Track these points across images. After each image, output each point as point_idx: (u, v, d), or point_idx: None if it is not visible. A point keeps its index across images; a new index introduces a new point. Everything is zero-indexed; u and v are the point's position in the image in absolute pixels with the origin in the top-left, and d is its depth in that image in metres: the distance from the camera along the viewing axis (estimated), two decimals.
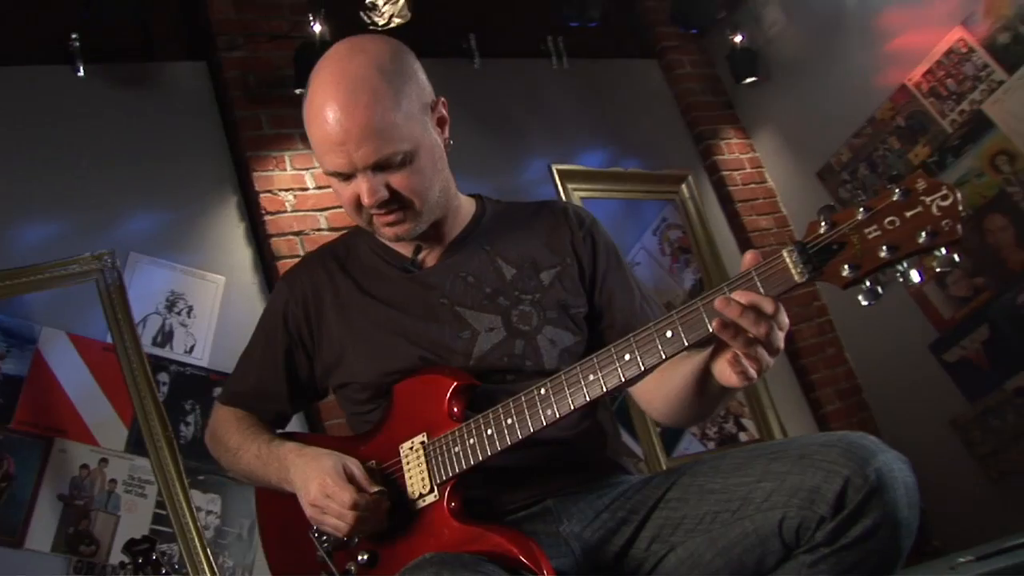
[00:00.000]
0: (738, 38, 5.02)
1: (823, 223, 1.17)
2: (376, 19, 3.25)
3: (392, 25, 3.26)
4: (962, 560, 2.42)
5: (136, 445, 3.10)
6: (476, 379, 1.56)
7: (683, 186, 4.88)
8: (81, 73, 3.46)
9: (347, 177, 1.54)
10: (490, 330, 1.61)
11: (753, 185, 5.13)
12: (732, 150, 5.16)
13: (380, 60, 1.53)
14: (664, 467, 4.13)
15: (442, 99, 1.64)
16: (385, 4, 3.21)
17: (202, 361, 3.34)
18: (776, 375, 4.65)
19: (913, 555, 1.30)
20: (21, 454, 2.94)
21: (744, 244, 4.93)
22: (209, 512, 3.13)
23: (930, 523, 4.13)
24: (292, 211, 3.65)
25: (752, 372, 1.26)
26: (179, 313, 3.35)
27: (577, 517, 1.52)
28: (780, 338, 1.25)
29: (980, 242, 4.25)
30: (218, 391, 3.16)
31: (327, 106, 1.50)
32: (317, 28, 3.60)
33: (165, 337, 3.30)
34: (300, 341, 1.72)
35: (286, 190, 3.68)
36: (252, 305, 3.50)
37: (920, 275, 1.12)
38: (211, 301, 3.42)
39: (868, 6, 4.60)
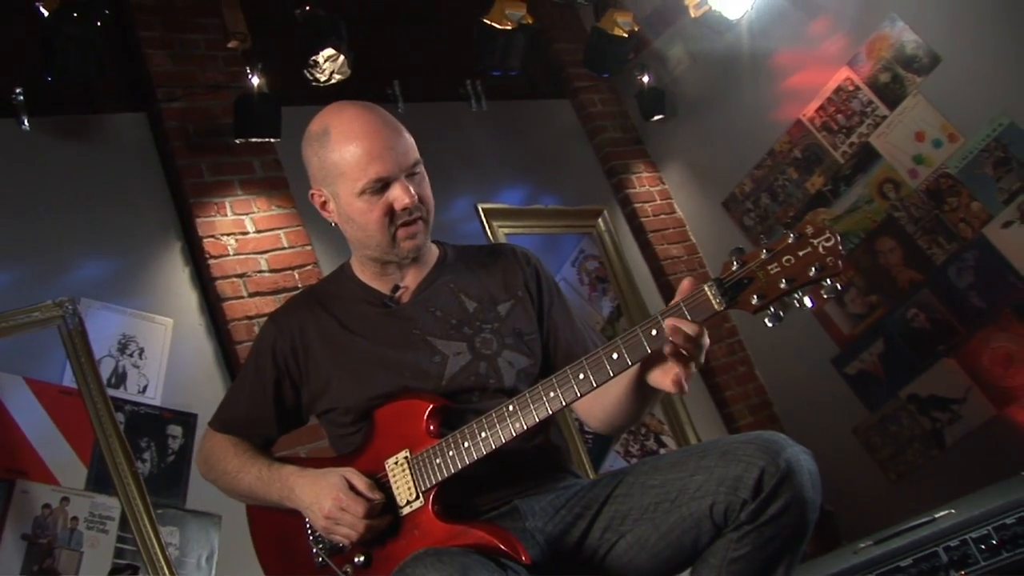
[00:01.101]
0: (645, 78, 5.32)
1: (735, 263, 1.46)
2: (318, 76, 3.47)
3: (333, 81, 3.48)
4: (863, 545, 2.73)
5: (96, 483, 3.21)
6: (448, 397, 1.81)
7: (599, 220, 5.16)
8: (26, 126, 3.57)
9: (384, 188, 1.79)
10: (458, 354, 1.86)
11: (663, 216, 5.41)
12: (643, 183, 5.44)
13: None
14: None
15: None
16: (326, 62, 3.44)
17: (155, 400, 3.48)
18: (692, 393, 4.89)
19: (825, 550, 1.62)
20: None
21: (657, 272, 5.22)
22: (169, 544, 3.26)
23: (838, 523, 4.48)
24: (234, 254, 3.81)
25: (685, 383, 1.55)
26: (131, 355, 3.49)
27: (540, 514, 1.78)
28: (703, 355, 1.55)
29: (872, 263, 4.65)
30: (173, 428, 3.33)
31: (367, 126, 1.81)
32: (255, 80, 3.79)
33: (119, 378, 3.43)
34: (287, 373, 1.94)
35: (228, 234, 3.83)
36: (200, 345, 3.66)
37: (812, 301, 1.42)
38: (161, 342, 3.57)
39: (764, 48, 4.96)
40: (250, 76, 3.79)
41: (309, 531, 1.85)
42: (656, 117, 5.35)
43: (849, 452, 4.74)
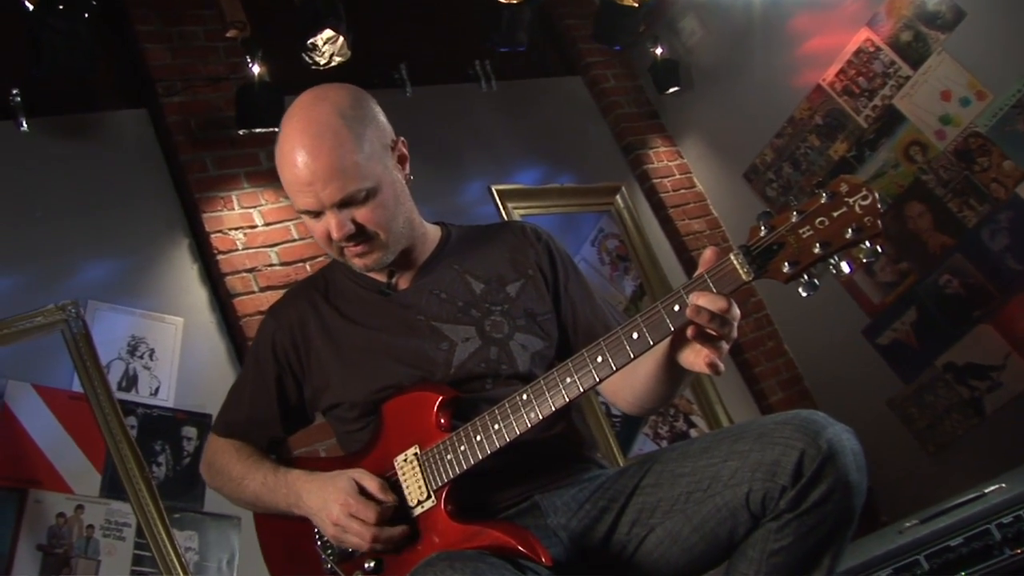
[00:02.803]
0: (659, 50, 5.19)
1: (763, 227, 1.33)
2: (317, 59, 3.36)
3: (333, 64, 3.37)
4: (908, 524, 2.60)
5: (110, 489, 3.14)
6: (458, 386, 1.70)
7: (617, 197, 5.04)
8: (24, 127, 3.49)
9: (317, 215, 1.69)
10: (466, 340, 1.75)
11: (683, 191, 5.29)
12: (660, 158, 5.31)
13: (342, 107, 1.69)
14: (622, 465, 4.27)
15: (402, 139, 1.81)
16: (325, 44, 3.33)
17: (168, 402, 3.40)
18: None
19: (863, 528, 1.48)
20: None
21: (679, 248, 5.10)
22: (188, 549, 3.18)
23: (877, 500, 4.35)
24: (243, 249, 3.72)
25: (719, 362, 1.41)
26: (141, 356, 3.40)
27: (562, 510, 1.66)
28: (735, 329, 1.41)
29: (902, 229, 4.49)
30: (188, 430, 3.25)
31: (295, 151, 1.66)
32: (256, 70, 3.69)
33: (130, 381, 3.35)
34: (289, 368, 1.84)
35: (236, 229, 3.74)
36: (212, 344, 3.58)
37: (850, 266, 1.29)
38: (171, 342, 3.48)
39: (779, 12, 4.82)
40: (250, 65, 3.69)
41: (317, 536, 1.75)
42: (671, 90, 5.24)
43: (885, 425, 4.61)
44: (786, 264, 1.31)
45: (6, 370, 3.12)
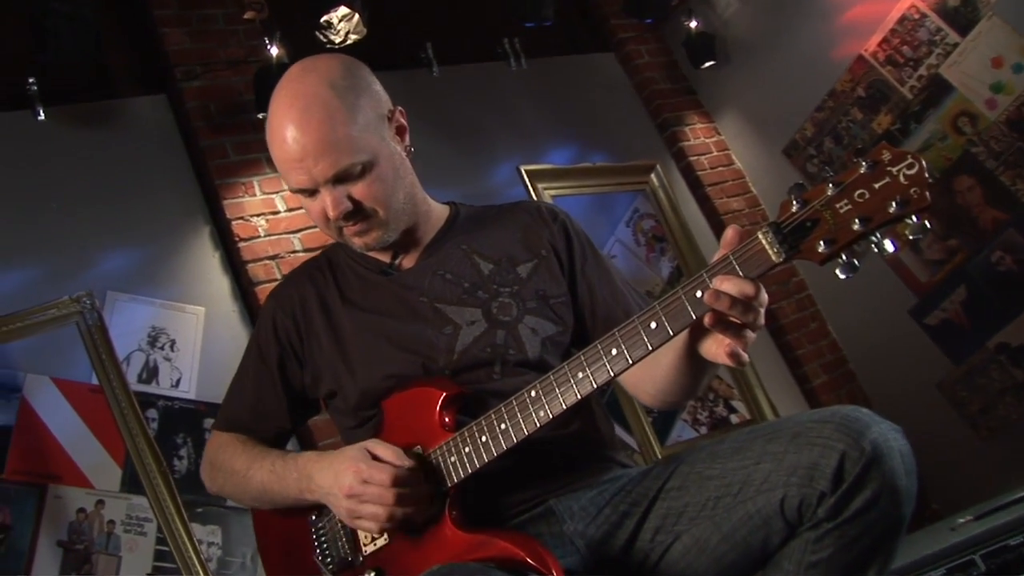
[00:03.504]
0: (693, 23, 5.04)
1: (795, 202, 1.18)
2: (332, 37, 3.25)
3: (349, 42, 3.26)
4: (961, 521, 2.44)
5: (131, 484, 3.07)
6: (461, 374, 1.58)
7: (652, 175, 4.90)
8: (41, 116, 3.44)
9: (312, 193, 1.59)
10: (471, 323, 1.63)
11: (721, 168, 5.14)
12: (697, 135, 5.17)
13: (331, 76, 1.57)
14: (659, 456, 4.15)
15: (399, 108, 1.69)
16: (340, 22, 3.21)
17: (189, 393, 3.33)
18: (761, 354, 4.68)
19: (912, 520, 1.32)
20: (16, 503, 2.91)
21: (717, 227, 4.94)
22: (211, 544, 3.11)
23: (927, 487, 4.17)
24: (265, 236, 3.64)
25: (744, 356, 1.27)
26: (162, 348, 3.33)
27: (579, 515, 1.53)
28: (762, 315, 1.27)
29: (950, 204, 4.29)
30: (210, 422, 3.17)
31: (284, 127, 1.54)
32: (274, 51, 3.59)
33: (150, 373, 3.28)
34: (292, 349, 1.73)
35: (257, 215, 3.66)
36: (234, 333, 3.49)
37: (894, 244, 1.14)
38: (193, 333, 3.41)
39: None
40: (268, 47, 3.59)
41: (316, 546, 1.64)
42: (707, 64, 5.08)
43: (934, 409, 4.43)
44: (821, 243, 1.16)
45: (25, 364, 3.07)
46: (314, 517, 1.66)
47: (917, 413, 4.38)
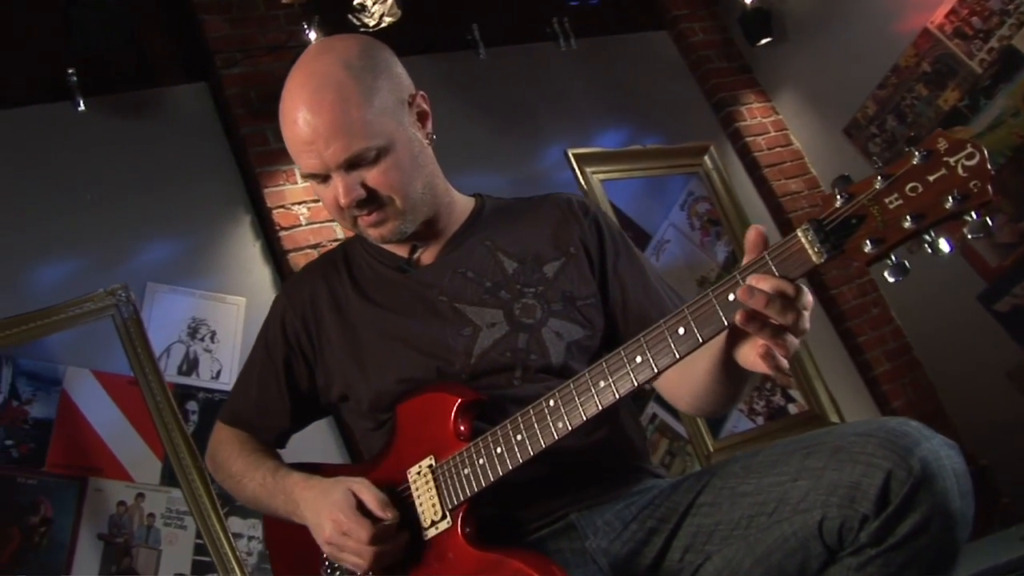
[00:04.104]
0: None
1: (839, 196, 1.06)
2: (366, 20, 3.16)
3: (383, 24, 3.17)
4: None
5: (171, 477, 3.06)
6: (480, 379, 1.49)
7: (705, 157, 4.75)
8: (82, 107, 3.42)
9: (324, 179, 1.50)
10: (492, 325, 1.53)
11: (779, 149, 4.98)
12: (754, 115, 5.01)
13: (348, 56, 1.49)
14: (711, 448, 4.02)
15: (422, 93, 1.59)
16: (374, 4, 3.12)
17: (229, 385, 3.24)
18: (821, 341, 4.52)
19: (978, 521, 1.18)
20: (57, 496, 2.91)
21: (776, 210, 4.81)
22: (251, 538, 3.08)
23: (995, 479, 3.98)
24: (307, 224, 3.59)
25: (783, 362, 1.16)
26: (202, 339, 3.30)
27: (603, 530, 1.42)
28: (806, 318, 1.15)
29: (1022, 185, 4.07)
30: None
31: (295, 108, 1.47)
32: (312, 36, 3.52)
33: (191, 365, 3.26)
34: (300, 350, 1.66)
35: (299, 203, 3.61)
36: None
37: (950, 244, 1.01)
38: (233, 324, 3.37)
39: None
40: (306, 31, 3.52)
41: (323, 556, 1.55)
42: (763, 41, 4.91)
43: (1004, 399, 4.22)
44: (868, 242, 1.04)
45: (65, 356, 3.06)
46: None
47: (986, 403, 4.19)
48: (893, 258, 1.04)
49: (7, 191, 3.24)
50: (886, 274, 1.05)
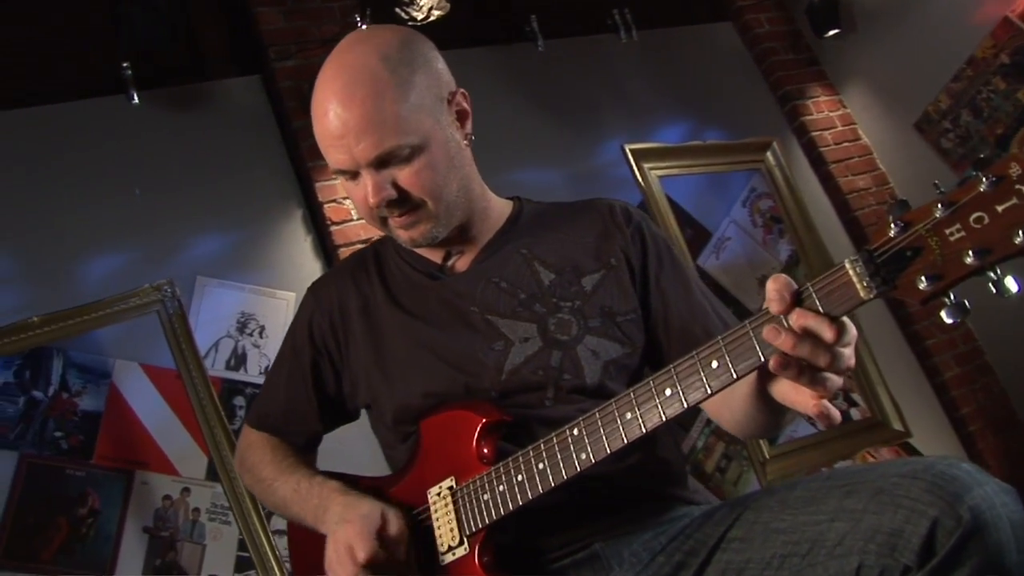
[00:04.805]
0: None
1: (893, 224, 0.96)
2: (414, 13, 3.10)
3: (432, 18, 3.11)
4: None
5: (216, 473, 3.06)
6: (509, 397, 1.42)
7: (768, 153, 4.61)
8: (135, 101, 3.44)
9: (353, 175, 1.43)
10: (524, 340, 1.45)
11: (846, 144, 4.83)
12: (820, 109, 4.86)
13: (385, 49, 1.41)
14: (767, 455, 3.90)
15: (462, 91, 1.52)
16: None
17: None
18: (886, 344, 4.37)
19: None
20: (104, 488, 2.93)
21: (842, 208, 4.68)
22: None
23: None
24: (358, 219, 3.55)
25: (833, 411, 1.06)
26: (251, 334, 3.30)
27: (630, 562, 1.34)
28: (848, 357, 1.05)
29: None
30: None
31: (326, 100, 1.40)
32: (365, 28, 3.47)
33: (239, 360, 3.25)
34: (327, 354, 1.60)
35: (350, 198, 3.57)
36: None
37: (1019, 284, 0.91)
38: (283, 319, 3.35)
39: None
40: (360, 24, 3.48)
41: None
42: (831, 32, 4.76)
43: None
44: (923, 278, 0.94)
45: (114, 349, 3.08)
46: None
47: None
48: (952, 297, 0.94)
49: (61, 184, 3.26)
50: (943, 314, 0.95)
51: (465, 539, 1.34)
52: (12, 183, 3.21)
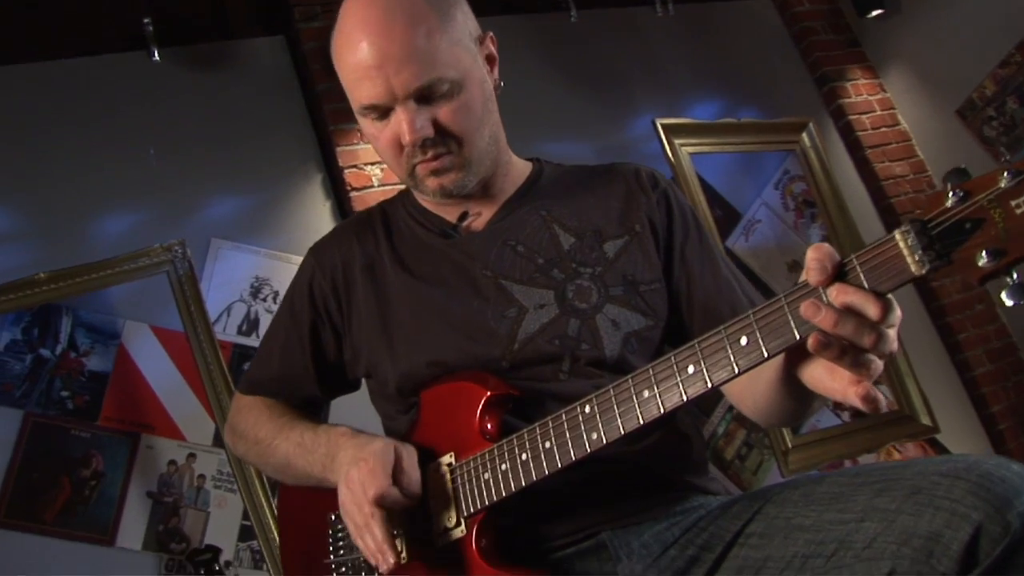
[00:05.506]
0: None
1: (951, 193, 0.86)
2: None
3: None
4: None
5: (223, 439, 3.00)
6: (522, 369, 1.32)
7: (804, 134, 4.48)
8: (156, 58, 3.39)
9: (384, 113, 1.32)
10: (540, 307, 1.35)
11: (884, 129, 4.68)
12: (859, 92, 4.72)
13: None
14: (789, 444, 3.80)
15: (491, 34, 1.42)
16: None
17: None
18: (916, 336, 4.25)
19: None
20: (109, 451, 2.89)
21: (877, 194, 4.54)
22: None
23: None
24: (379, 186, 3.47)
25: (876, 394, 0.96)
26: (264, 299, 3.23)
27: (639, 554, 1.24)
28: (890, 338, 0.94)
29: None
30: None
31: (359, 30, 1.28)
32: None
33: (251, 325, 3.18)
34: (328, 318, 1.49)
35: (372, 164, 3.50)
36: None
37: None
38: None
39: None
40: None
41: (331, 548, 1.41)
42: (874, 13, 4.61)
43: None
44: (984, 253, 0.83)
45: (125, 310, 3.03)
46: (333, 517, 1.43)
47: None
48: (1015, 276, 0.83)
49: (78, 140, 3.21)
50: (1004, 295, 0.85)
51: (463, 520, 1.24)
52: (26, 137, 3.16)
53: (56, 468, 2.81)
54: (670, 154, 4.09)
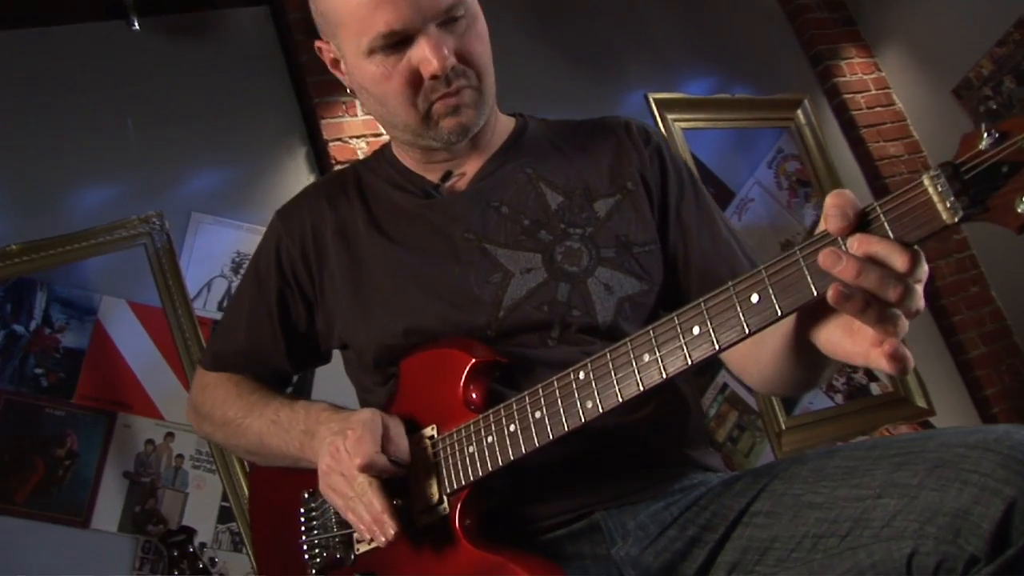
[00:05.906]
0: None
1: (986, 134, 0.77)
2: None
3: None
4: None
5: None
6: (509, 337, 1.24)
7: (799, 111, 4.42)
8: (136, 27, 3.30)
9: (398, 45, 1.22)
10: (527, 271, 1.27)
11: (879, 108, 4.63)
12: (854, 70, 4.67)
13: None
14: (783, 426, 3.74)
15: None
16: None
17: None
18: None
19: None
20: (84, 430, 2.80)
21: (871, 174, 4.48)
22: None
23: None
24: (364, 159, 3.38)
25: (905, 352, 0.86)
26: None
27: (635, 535, 1.16)
28: (917, 294, 0.86)
29: None
30: None
31: None
32: None
33: None
34: (297, 284, 1.40)
35: (357, 137, 3.42)
36: None
37: None
38: None
39: None
40: None
41: (303, 529, 1.33)
42: None
43: None
44: (1022, 200, 0.77)
45: (101, 284, 2.93)
46: (307, 495, 1.34)
47: None
48: None
49: (52, 109, 3.11)
50: None
51: (445, 498, 1.16)
52: (0, 106, 3.05)
53: (29, 447, 2.72)
54: (663, 129, 4.03)
